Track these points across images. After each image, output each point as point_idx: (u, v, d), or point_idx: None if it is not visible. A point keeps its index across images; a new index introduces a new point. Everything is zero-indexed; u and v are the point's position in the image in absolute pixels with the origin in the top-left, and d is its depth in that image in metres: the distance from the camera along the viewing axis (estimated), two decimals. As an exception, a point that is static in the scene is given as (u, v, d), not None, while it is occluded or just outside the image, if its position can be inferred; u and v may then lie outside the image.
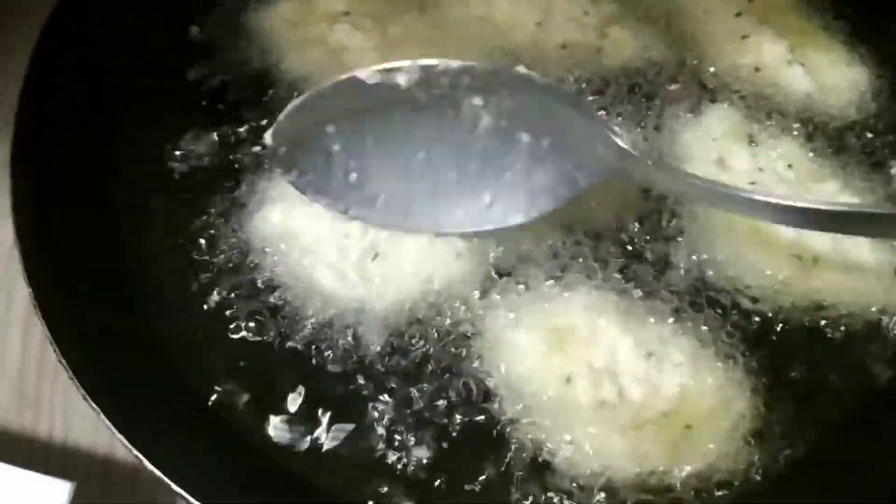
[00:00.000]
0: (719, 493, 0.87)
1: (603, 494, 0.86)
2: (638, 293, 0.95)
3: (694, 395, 0.88)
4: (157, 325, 0.94)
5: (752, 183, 0.98)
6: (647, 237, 0.98)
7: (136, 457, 0.78)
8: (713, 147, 1.02)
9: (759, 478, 0.88)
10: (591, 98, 1.05)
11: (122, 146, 1.02)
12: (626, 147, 0.87)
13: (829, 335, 0.95)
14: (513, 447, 0.88)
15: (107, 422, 0.79)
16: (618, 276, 0.96)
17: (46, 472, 0.91)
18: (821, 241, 0.96)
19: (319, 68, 1.05)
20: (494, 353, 0.92)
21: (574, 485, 0.87)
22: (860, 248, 0.97)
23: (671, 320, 0.93)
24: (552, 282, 0.95)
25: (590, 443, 0.87)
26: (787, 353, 0.94)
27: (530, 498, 0.87)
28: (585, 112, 0.89)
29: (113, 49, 1.03)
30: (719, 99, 1.06)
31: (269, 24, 1.08)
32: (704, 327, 0.94)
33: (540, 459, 0.88)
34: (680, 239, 0.98)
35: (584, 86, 1.06)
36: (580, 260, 0.96)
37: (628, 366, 0.89)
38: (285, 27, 1.08)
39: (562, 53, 1.08)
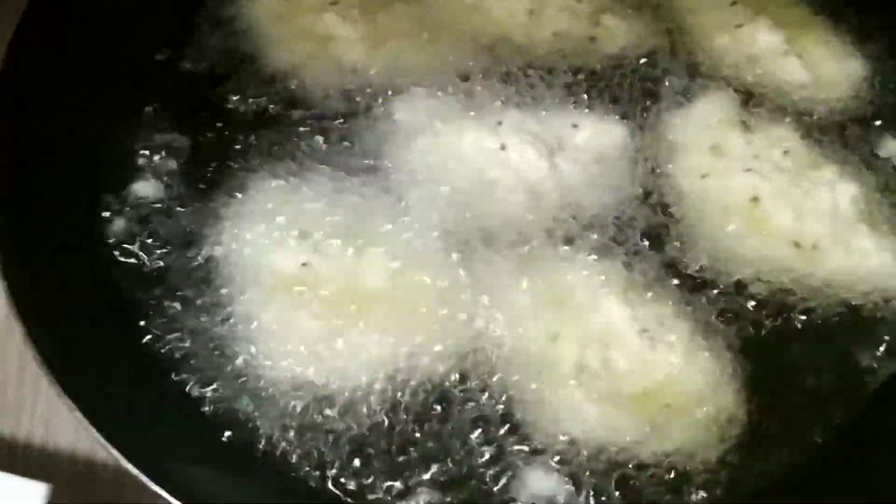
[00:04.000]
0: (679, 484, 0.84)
1: (558, 458, 0.84)
2: (644, 272, 0.92)
3: (680, 379, 0.85)
4: (139, 323, 0.90)
5: (748, 170, 0.95)
6: (654, 222, 0.95)
7: (113, 455, 0.74)
8: (707, 134, 0.98)
9: (726, 481, 0.84)
10: (583, 87, 1.02)
11: (106, 141, 0.97)
12: None
13: (827, 328, 0.91)
14: (485, 397, 0.86)
15: (82, 418, 0.75)
16: (626, 255, 0.92)
17: (27, 475, 0.86)
18: (819, 227, 0.93)
19: (307, 59, 1.01)
20: (493, 306, 0.89)
21: (537, 444, 0.84)
22: (861, 236, 0.94)
23: (672, 303, 0.90)
24: (559, 248, 0.92)
25: (562, 404, 0.85)
26: (782, 351, 0.90)
27: (491, 450, 0.84)
28: None
29: (96, 40, 0.98)
30: (713, 87, 1.03)
31: (255, 15, 1.04)
32: (703, 314, 0.90)
33: (509, 413, 0.86)
34: (682, 226, 0.95)
35: (576, 75, 1.03)
36: (589, 238, 0.93)
37: (620, 338, 0.86)
38: (271, 18, 1.04)
39: (554, 42, 1.04)
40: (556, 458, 0.84)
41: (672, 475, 0.84)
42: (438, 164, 0.95)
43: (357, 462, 0.84)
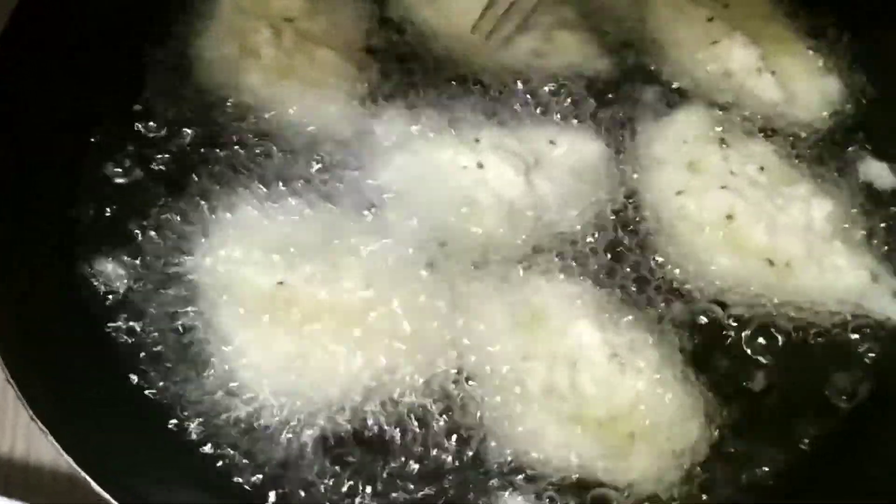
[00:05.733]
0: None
1: (521, 476, 0.82)
2: (617, 292, 0.90)
3: (647, 406, 0.83)
4: (115, 342, 0.88)
5: (724, 187, 0.93)
6: (629, 240, 0.93)
7: (84, 477, 0.72)
8: (684, 150, 0.96)
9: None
10: (562, 103, 1.00)
11: (80, 162, 0.96)
12: None
13: (798, 348, 0.89)
14: (454, 415, 0.85)
15: (53, 441, 0.73)
16: (600, 274, 0.91)
17: (7, 493, 0.85)
18: (793, 244, 0.91)
19: (226, 64, 0.99)
20: (468, 325, 0.87)
21: (502, 462, 0.83)
22: (835, 253, 0.92)
23: (643, 326, 0.88)
24: (533, 267, 0.90)
25: (528, 424, 0.83)
26: (753, 373, 0.88)
27: (458, 466, 0.83)
28: None
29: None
30: (689, 103, 1.01)
31: (219, 6, 1.02)
32: (674, 335, 0.88)
33: (477, 431, 0.84)
34: (657, 244, 0.93)
35: (555, 92, 1.01)
36: (564, 258, 0.92)
37: (590, 361, 0.84)
38: (233, 11, 1.01)
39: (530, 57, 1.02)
40: (520, 477, 0.82)
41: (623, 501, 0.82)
42: (415, 182, 0.93)
43: (327, 480, 0.83)
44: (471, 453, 0.84)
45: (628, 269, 0.92)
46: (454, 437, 0.84)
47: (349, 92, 0.99)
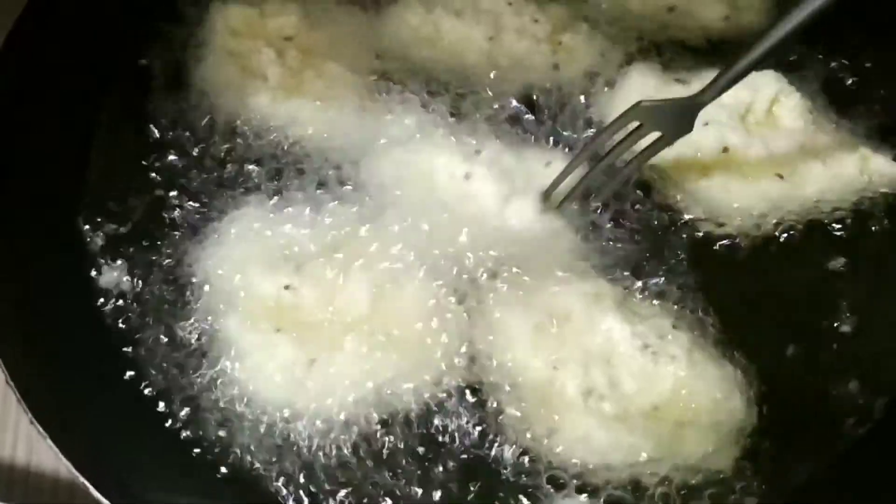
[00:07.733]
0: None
1: (576, 482, 0.80)
2: (639, 285, 0.87)
3: (688, 391, 0.80)
4: (118, 347, 0.86)
5: (706, 123, 0.88)
6: (644, 229, 0.90)
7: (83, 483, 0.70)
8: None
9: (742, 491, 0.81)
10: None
11: (87, 167, 0.94)
12: None
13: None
14: (493, 434, 0.81)
15: (52, 445, 0.71)
16: (619, 266, 0.88)
17: (7, 498, 0.84)
18: (791, 149, 0.89)
19: (226, 85, 0.94)
20: (483, 335, 0.84)
21: (550, 474, 0.80)
22: (824, 143, 0.90)
23: (671, 313, 0.85)
24: (550, 270, 0.86)
25: (572, 432, 0.79)
26: (785, 345, 0.86)
27: (506, 484, 0.80)
28: None
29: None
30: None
31: (213, 24, 0.97)
32: (701, 317, 0.86)
33: (520, 446, 0.81)
34: (676, 223, 0.90)
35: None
36: (579, 251, 0.88)
37: (623, 356, 0.80)
38: (226, 32, 0.96)
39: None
40: (575, 486, 0.80)
41: (686, 489, 0.80)
42: (417, 188, 0.90)
43: (330, 488, 0.80)
44: (506, 471, 0.81)
45: (654, 256, 0.88)
46: (478, 455, 0.81)
47: (358, 102, 0.95)
